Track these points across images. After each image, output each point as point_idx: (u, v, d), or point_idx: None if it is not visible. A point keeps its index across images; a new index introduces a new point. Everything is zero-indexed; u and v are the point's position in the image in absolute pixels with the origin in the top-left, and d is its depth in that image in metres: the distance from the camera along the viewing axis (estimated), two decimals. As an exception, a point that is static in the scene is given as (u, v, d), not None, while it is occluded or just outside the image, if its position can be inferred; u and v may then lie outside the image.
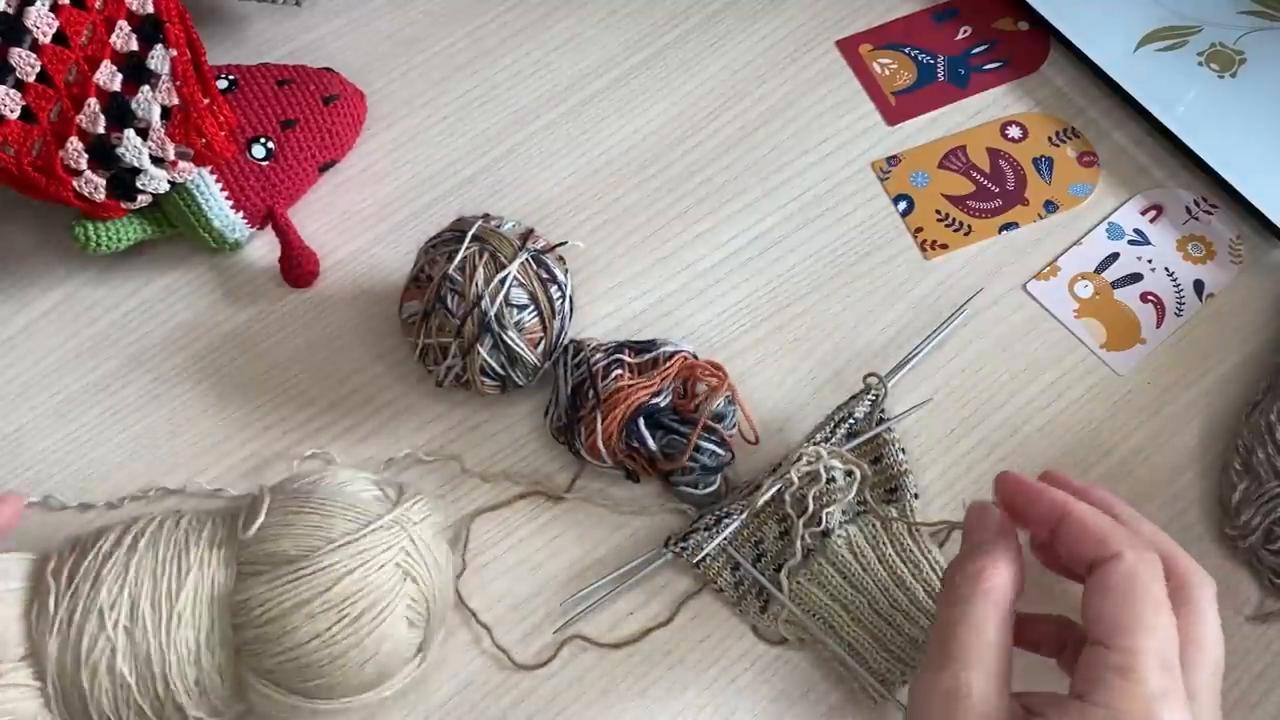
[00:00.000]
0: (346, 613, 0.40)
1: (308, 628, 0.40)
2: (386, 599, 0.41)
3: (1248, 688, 0.48)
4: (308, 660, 0.40)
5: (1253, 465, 0.50)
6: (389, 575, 0.41)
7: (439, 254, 0.49)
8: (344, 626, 0.40)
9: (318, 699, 0.41)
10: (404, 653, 0.42)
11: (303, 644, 0.40)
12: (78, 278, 0.57)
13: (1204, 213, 0.58)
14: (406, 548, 0.42)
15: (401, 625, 0.42)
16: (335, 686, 0.41)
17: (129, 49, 0.51)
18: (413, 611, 0.42)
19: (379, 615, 0.41)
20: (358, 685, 0.41)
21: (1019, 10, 0.64)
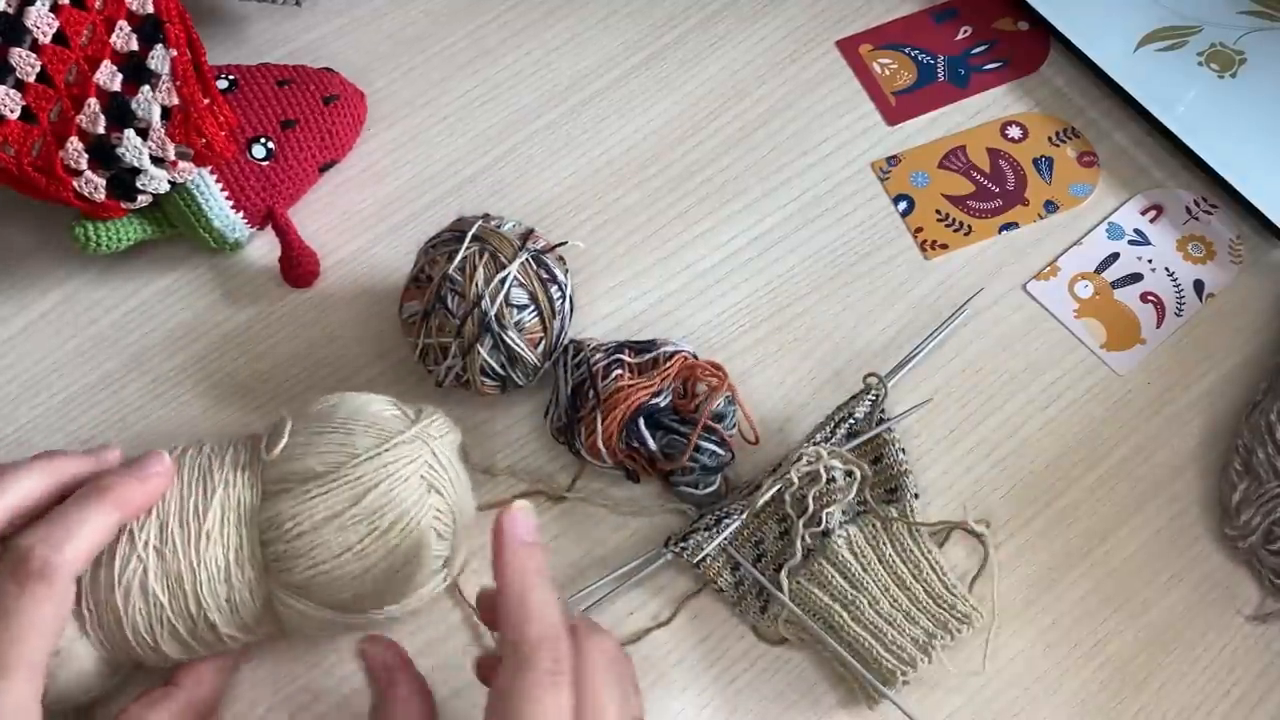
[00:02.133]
0: (376, 525, 0.40)
1: (339, 540, 0.40)
2: (414, 510, 0.41)
3: (1248, 688, 0.48)
4: (339, 573, 0.41)
5: (1253, 465, 0.50)
6: (415, 487, 0.41)
7: (439, 254, 0.49)
8: (375, 538, 0.40)
9: (350, 611, 0.42)
10: (431, 564, 0.42)
11: (335, 556, 0.40)
12: (78, 278, 0.57)
13: (1204, 213, 0.58)
14: (429, 461, 0.42)
15: (430, 536, 0.42)
16: (366, 598, 0.41)
17: (129, 49, 0.51)
18: (440, 523, 0.42)
19: (408, 526, 0.41)
20: (387, 597, 0.42)
21: (1019, 10, 0.64)
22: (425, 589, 0.43)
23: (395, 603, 0.42)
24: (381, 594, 0.42)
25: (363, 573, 0.41)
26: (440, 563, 0.43)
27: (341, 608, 0.42)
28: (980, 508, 0.51)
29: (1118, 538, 0.51)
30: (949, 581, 0.48)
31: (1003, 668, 0.48)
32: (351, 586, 0.41)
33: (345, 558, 0.41)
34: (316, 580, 0.41)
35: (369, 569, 0.41)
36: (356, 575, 0.41)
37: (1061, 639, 0.49)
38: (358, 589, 0.41)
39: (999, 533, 0.51)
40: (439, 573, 0.43)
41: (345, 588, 0.41)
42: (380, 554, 0.41)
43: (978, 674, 0.48)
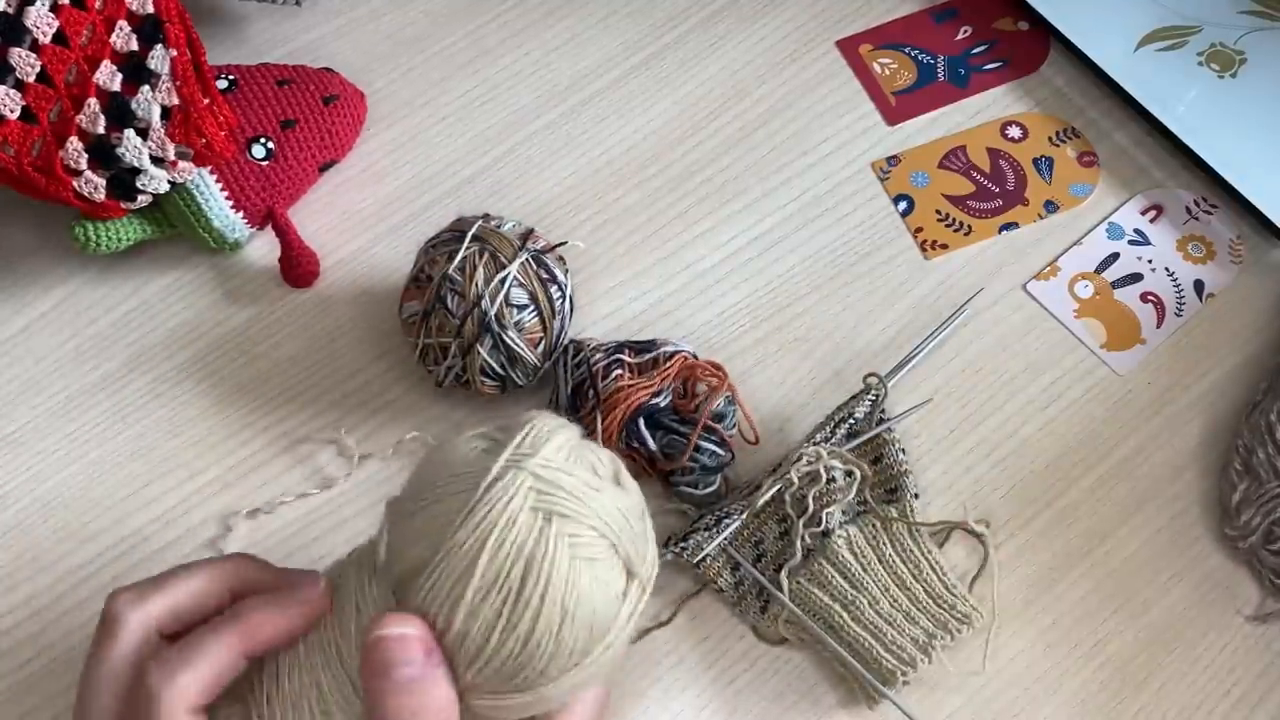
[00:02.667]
0: (507, 588, 0.34)
1: (477, 623, 0.34)
2: (537, 549, 0.34)
3: (1248, 688, 0.48)
4: (502, 657, 0.34)
5: (1253, 465, 0.50)
6: (527, 525, 0.34)
7: (439, 254, 0.49)
8: (512, 603, 0.33)
9: (541, 686, 0.35)
10: (605, 591, 0.35)
11: (485, 641, 0.34)
12: (78, 278, 0.56)
13: (1204, 213, 0.58)
14: (534, 486, 0.34)
15: (579, 568, 0.34)
16: (549, 664, 0.34)
17: (129, 49, 0.51)
18: (584, 546, 0.34)
19: (541, 570, 0.34)
20: (574, 650, 0.34)
21: (1019, 10, 0.63)
22: (619, 619, 0.35)
23: (591, 650, 0.35)
24: (563, 652, 0.34)
25: (524, 644, 0.34)
26: (619, 583, 0.35)
27: (531, 686, 0.35)
28: (980, 508, 0.51)
29: (1118, 538, 0.51)
30: (949, 581, 0.48)
31: (1003, 668, 0.48)
32: (525, 662, 0.34)
33: (496, 640, 0.34)
34: (485, 674, 0.34)
35: (527, 638, 0.34)
36: (519, 650, 0.34)
37: (1061, 639, 0.49)
38: (533, 661, 0.34)
39: (999, 533, 0.51)
40: (625, 594, 0.35)
41: (519, 667, 0.34)
42: (531, 615, 0.34)
43: (978, 674, 0.47)
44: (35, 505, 0.51)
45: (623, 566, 0.35)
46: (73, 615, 0.49)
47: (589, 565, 0.34)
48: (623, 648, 0.36)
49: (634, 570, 0.36)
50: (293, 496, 0.51)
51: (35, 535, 0.51)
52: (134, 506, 0.51)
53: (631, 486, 0.36)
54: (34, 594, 0.50)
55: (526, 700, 0.35)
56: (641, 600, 0.36)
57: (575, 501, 0.35)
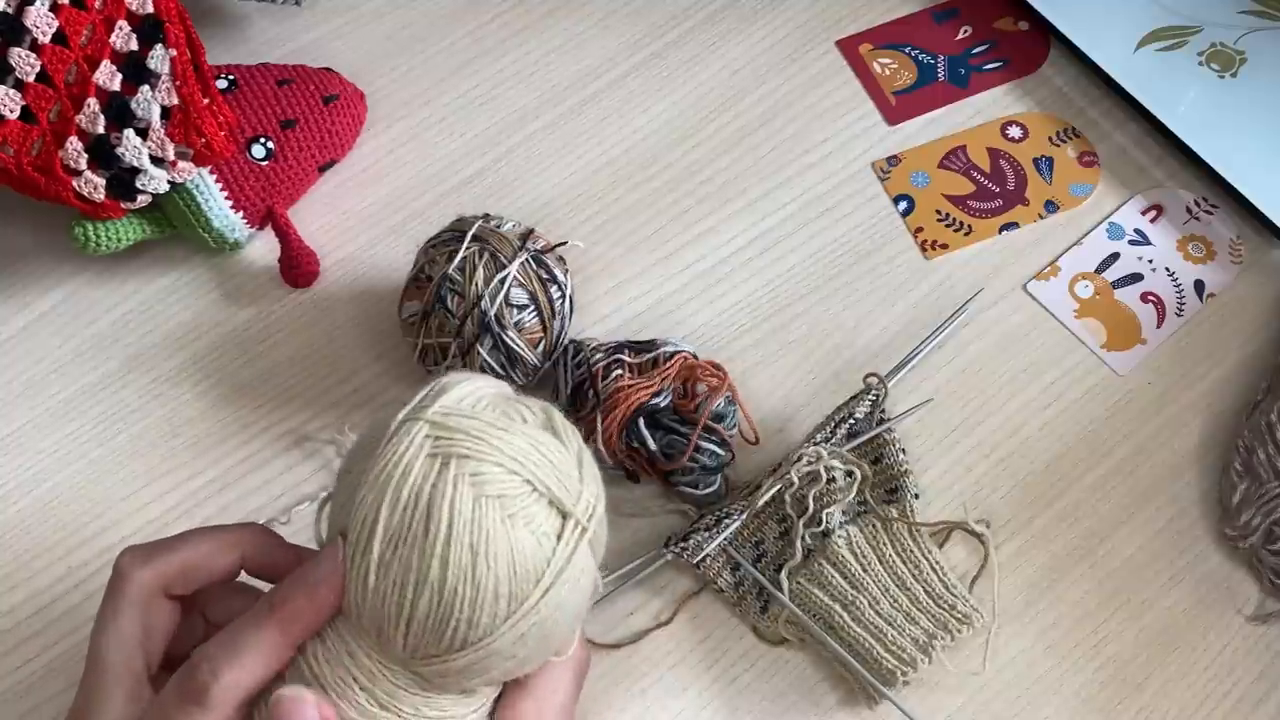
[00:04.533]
0: (411, 536, 0.31)
1: (393, 582, 0.31)
2: (440, 493, 0.31)
3: (1248, 688, 0.48)
4: (424, 611, 0.31)
5: (1253, 465, 0.50)
6: (423, 470, 0.31)
7: (439, 254, 0.49)
8: (419, 552, 0.31)
9: (481, 641, 0.32)
10: (525, 530, 0.32)
11: (404, 598, 0.31)
12: (77, 278, 0.56)
13: (1204, 213, 0.58)
14: (430, 432, 0.32)
15: (486, 506, 0.31)
16: (478, 614, 0.31)
17: (129, 49, 0.50)
18: (491, 483, 0.31)
19: (442, 515, 0.31)
20: (502, 595, 0.31)
21: (1019, 10, 0.63)
22: (553, 565, 0.32)
23: (522, 601, 0.32)
24: (490, 600, 0.31)
25: (442, 590, 0.31)
26: (547, 526, 0.32)
27: (465, 644, 0.32)
28: (980, 508, 0.51)
29: (1118, 538, 0.51)
30: (949, 582, 0.48)
31: (1003, 668, 0.48)
32: (449, 614, 0.31)
33: (412, 593, 0.31)
34: (414, 634, 0.32)
35: (444, 584, 0.31)
36: (439, 601, 0.31)
37: (1062, 639, 0.49)
38: (457, 613, 0.31)
39: (999, 533, 0.51)
40: (560, 539, 0.32)
41: (443, 620, 0.32)
42: (438, 561, 0.31)
43: (978, 674, 0.47)
44: (35, 505, 0.51)
45: (549, 505, 0.32)
46: (73, 615, 0.49)
47: (498, 503, 0.31)
48: (574, 596, 0.33)
49: (565, 509, 0.32)
50: (309, 504, 0.51)
51: (35, 535, 0.51)
52: (134, 507, 0.51)
53: (567, 433, 0.34)
54: (34, 594, 0.50)
55: (472, 659, 0.32)
56: (581, 540, 0.33)
57: (475, 441, 0.32)
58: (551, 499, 0.32)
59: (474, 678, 0.33)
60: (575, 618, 0.34)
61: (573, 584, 0.32)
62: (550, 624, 0.32)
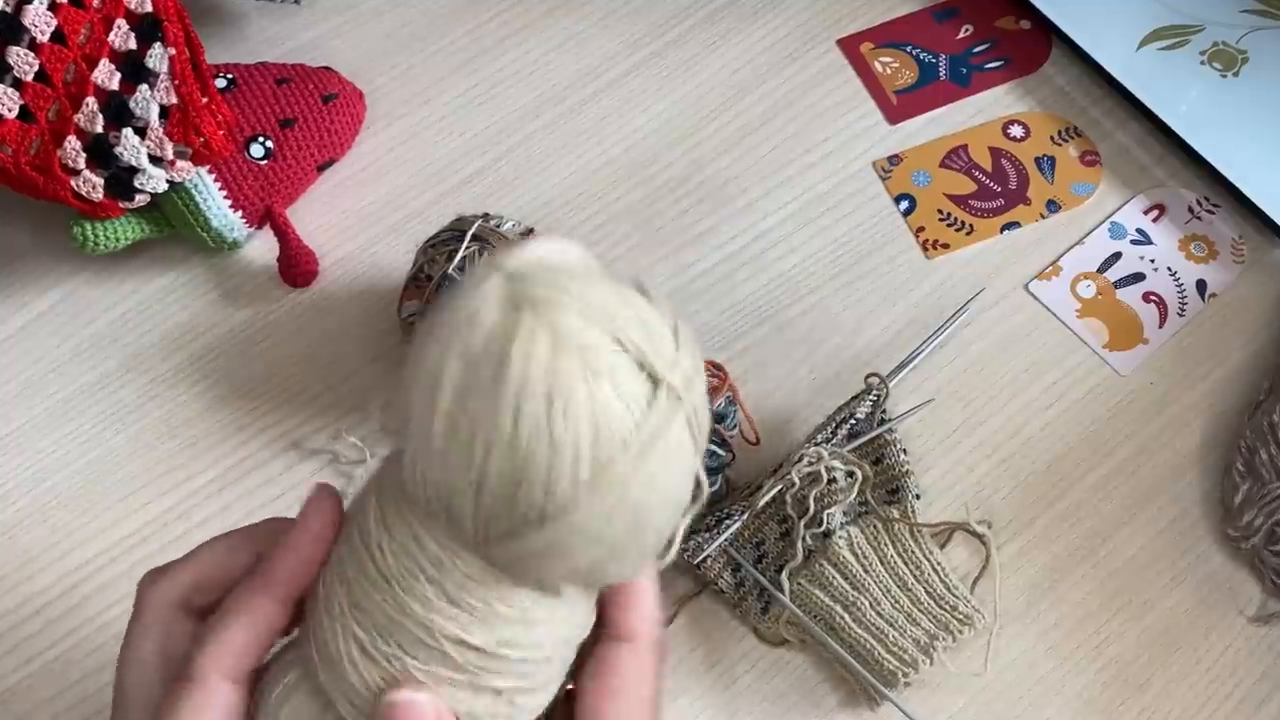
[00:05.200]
0: (479, 390, 0.27)
1: (461, 442, 0.27)
2: (512, 339, 0.26)
3: (1250, 689, 0.48)
4: (497, 475, 0.27)
5: (1255, 466, 0.50)
6: (494, 319, 0.27)
7: (438, 253, 0.49)
8: (490, 405, 0.26)
9: (561, 515, 0.27)
10: (607, 387, 0.27)
11: (472, 457, 0.27)
12: (75, 278, 0.56)
13: (1206, 212, 0.58)
14: (505, 281, 0.27)
15: (565, 355, 0.26)
16: (557, 478, 0.27)
17: (127, 48, 0.50)
18: (571, 335, 0.27)
19: (514, 363, 0.26)
20: (583, 457, 0.27)
21: (1020, 9, 0.63)
22: (643, 430, 0.27)
23: (607, 467, 0.27)
24: (570, 460, 0.27)
25: (515, 445, 0.26)
26: (633, 387, 0.27)
27: (544, 516, 0.27)
28: (982, 508, 0.51)
29: (1120, 538, 0.51)
30: (951, 583, 0.48)
31: (1005, 669, 0.48)
32: (525, 476, 0.27)
33: (481, 451, 0.27)
34: (486, 506, 0.27)
35: (516, 438, 0.26)
36: (513, 459, 0.26)
37: (1063, 640, 0.48)
38: (534, 474, 0.27)
39: (1001, 534, 0.50)
40: (651, 405, 0.27)
41: (516, 484, 0.27)
42: (509, 412, 0.26)
43: (979, 675, 0.47)
44: (33, 506, 0.51)
45: (638, 367, 0.28)
46: (71, 617, 0.49)
47: (579, 354, 0.27)
48: (669, 477, 0.28)
49: (656, 374, 0.28)
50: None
51: (33, 536, 0.51)
52: (132, 507, 0.51)
53: (662, 302, 0.30)
54: (31, 595, 0.49)
55: (551, 538, 0.27)
56: (675, 412, 0.27)
57: (554, 290, 0.28)
58: (641, 360, 0.27)
59: (555, 564, 0.28)
60: (672, 507, 0.29)
61: (666, 461, 0.27)
62: (641, 506, 0.27)
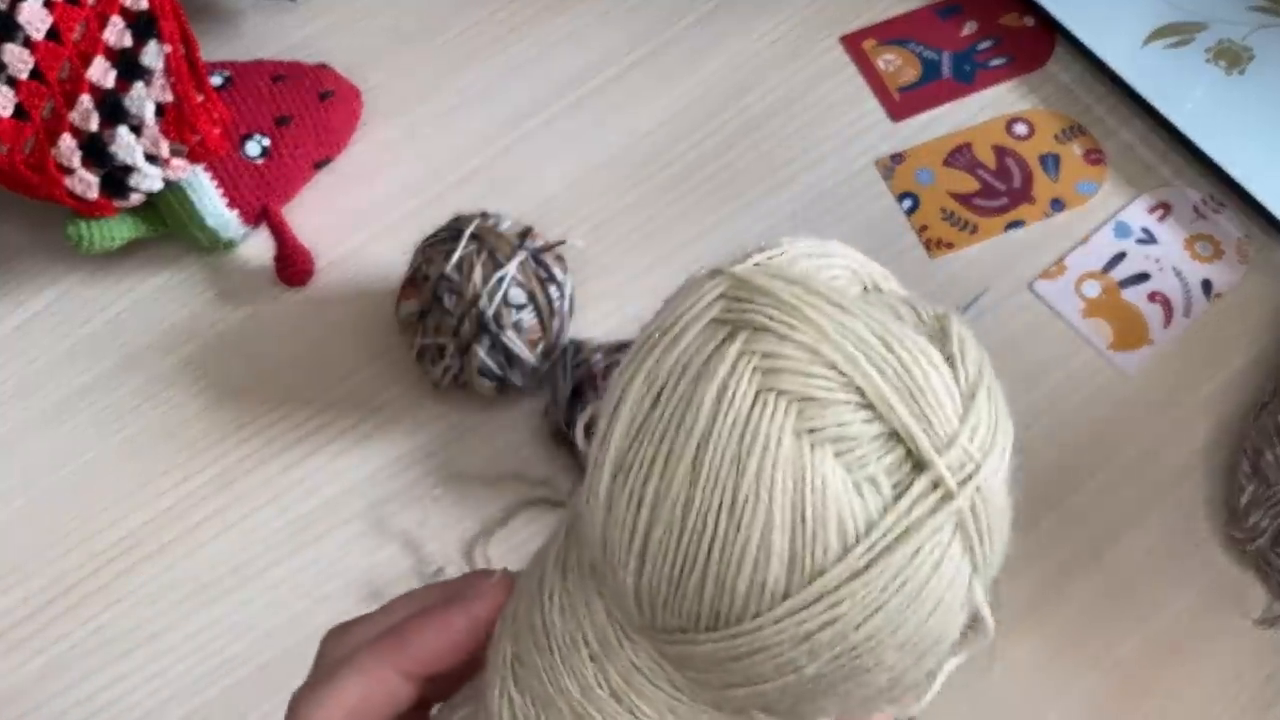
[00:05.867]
0: (659, 431, 0.21)
1: (628, 492, 0.21)
2: (710, 372, 0.20)
3: (1256, 692, 0.48)
4: (659, 541, 0.21)
5: (1261, 467, 0.49)
6: (699, 341, 0.21)
7: (436, 252, 0.49)
8: (664, 455, 0.21)
9: (743, 622, 0.21)
10: (835, 465, 0.20)
11: (635, 514, 0.21)
12: (71, 277, 0.56)
13: (1211, 211, 0.58)
14: (726, 291, 0.22)
15: (774, 408, 0.20)
16: (736, 572, 0.21)
17: (122, 45, 0.50)
18: (790, 376, 0.20)
19: (702, 404, 0.20)
20: (782, 554, 0.20)
21: (1024, 6, 0.63)
22: (878, 530, 0.20)
23: (817, 574, 0.20)
24: (760, 553, 0.20)
25: (687, 513, 0.20)
26: (874, 469, 0.20)
27: (721, 621, 0.21)
28: (985, 510, 0.51)
29: (1125, 541, 0.50)
30: (954, 585, 0.47)
31: (1007, 672, 0.47)
32: (695, 555, 0.21)
33: (648, 509, 0.21)
34: (648, 579, 0.21)
35: (690, 505, 0.20)
36: (681, 530, 0.21)
37: (1068, 643, 0.48)
38: (707, 556, 0.21)
39: (1004, 535, 0.50)
40: (903, 494, 0.20)
41: (689, 561, 0.21)
42: (685, 470, 0.20)
43: (983, 678, 0.47)
44: (29, 507, 0.51)
45: (888, 438, 0.20)
46: (68, 618, 0.49)
47: (796, 406, 0.20)
48: (916, 605, 0.21)
49: (920, 453, 0.20)
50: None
51: (29, 537, 0.50)
52: (129, 508, 0.51)
53: (966, 351, 0.23)
54: (28, 596, 0.49)
55: (728, 649, 0.21)
56: (937, 512, 0.20)
57: (782, 308, 0.21)
58: (896, 427, 0.20)
59: (735, 684, 0.22)
60: (926, 645, 0.22)
61: (913, 580, 0.20)
62: (865, 637, 0.21)
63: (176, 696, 0.48)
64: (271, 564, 0.50)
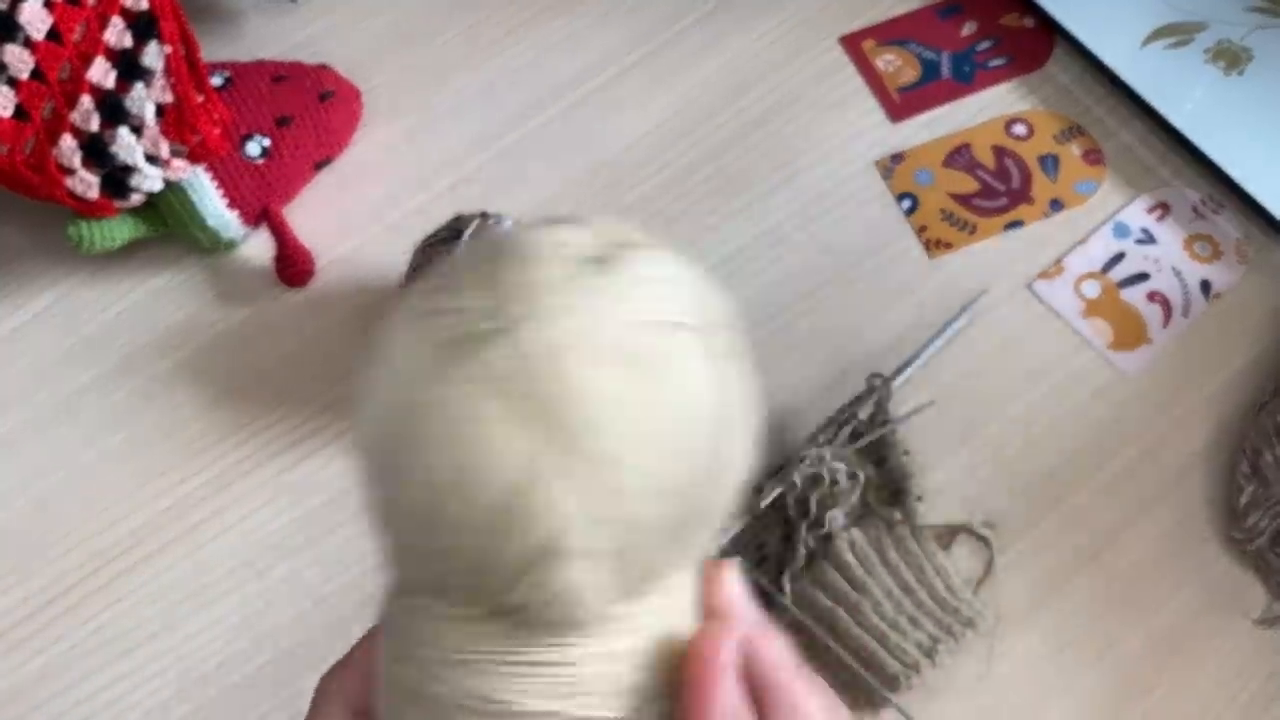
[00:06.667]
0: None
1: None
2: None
3: (1256, 692, 0.48)
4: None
5: (1260, 468, 0.49)
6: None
7: (436, 252, 0.49)
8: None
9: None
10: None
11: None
12: (71, 278, 0.56)
13: (1210, 211, 0.58)
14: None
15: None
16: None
17: (123, 46, 0.50)
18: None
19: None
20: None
21: (1024, 6, 0.63)
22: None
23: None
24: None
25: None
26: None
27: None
28: (985, 510, 0.51)
29: (1124, 541, 0.50)
30: (953, 585, 0.47)
31: (1008, 672, 0.47)
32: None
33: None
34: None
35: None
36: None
37: (1067, 643, 0.48)
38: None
39: (1004, 535, 0.50)
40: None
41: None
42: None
43: (982, 678, 0.47)
44: (29, 507, 0.51)
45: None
46: (67, 619, 0.49)
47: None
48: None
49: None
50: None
51: (29, 537, 0.50)
52: (128, 509, 0.51)
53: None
54: (28, 596, 0.49)
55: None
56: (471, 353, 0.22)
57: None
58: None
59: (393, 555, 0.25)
60: (486, 500, 0.22)
61: (446, 413, 0.22)
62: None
63: (176, 696, 0.48)
64: (271, 564, 0.50)
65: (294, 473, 0.51)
